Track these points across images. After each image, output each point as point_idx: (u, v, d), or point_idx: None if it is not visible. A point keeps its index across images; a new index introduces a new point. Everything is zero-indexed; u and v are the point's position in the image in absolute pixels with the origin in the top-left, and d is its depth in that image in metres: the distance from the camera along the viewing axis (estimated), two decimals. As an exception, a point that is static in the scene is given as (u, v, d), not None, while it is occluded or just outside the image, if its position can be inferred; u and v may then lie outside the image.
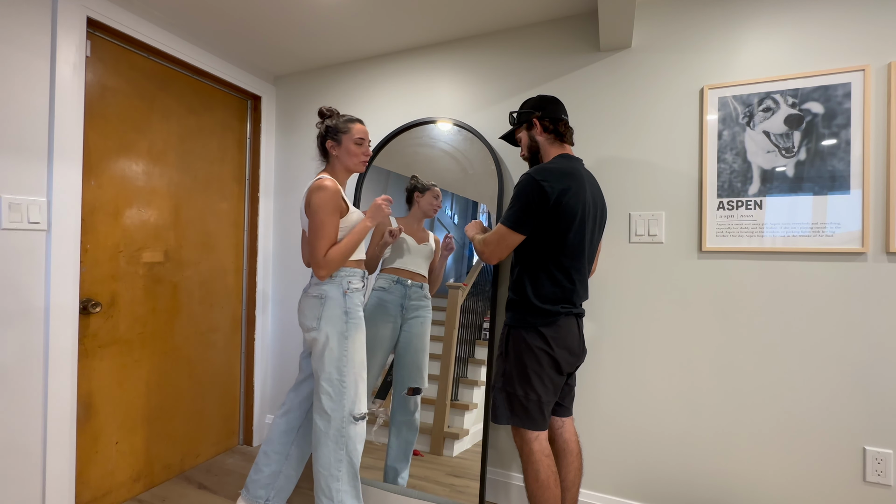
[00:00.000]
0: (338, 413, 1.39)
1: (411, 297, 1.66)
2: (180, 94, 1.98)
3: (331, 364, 1.40)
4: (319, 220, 1.37)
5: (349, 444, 1.40)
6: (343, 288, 1.43)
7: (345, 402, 1.40)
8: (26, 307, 1.44)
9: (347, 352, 1.40)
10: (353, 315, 1.43)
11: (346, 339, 1.40)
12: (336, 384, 1.40)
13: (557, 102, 1.43)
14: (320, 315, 1.41)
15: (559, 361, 1.30)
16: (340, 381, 1.40)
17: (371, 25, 1.87)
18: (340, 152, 1.50)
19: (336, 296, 1.42)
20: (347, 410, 1.40)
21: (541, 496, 1.27)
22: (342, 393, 1.39)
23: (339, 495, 1.40)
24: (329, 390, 1.40)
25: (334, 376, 1.40)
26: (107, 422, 1.71)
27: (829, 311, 1.42)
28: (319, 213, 1.37)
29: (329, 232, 1.38)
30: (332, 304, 1.41)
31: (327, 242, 1.38)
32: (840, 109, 1.40)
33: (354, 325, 1.43)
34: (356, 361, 1.42)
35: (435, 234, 1.68)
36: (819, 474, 1.42)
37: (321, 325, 1.40)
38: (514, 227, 1.30)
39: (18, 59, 1.42)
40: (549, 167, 1.30)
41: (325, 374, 1.40)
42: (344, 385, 1.40)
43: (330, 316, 1.40)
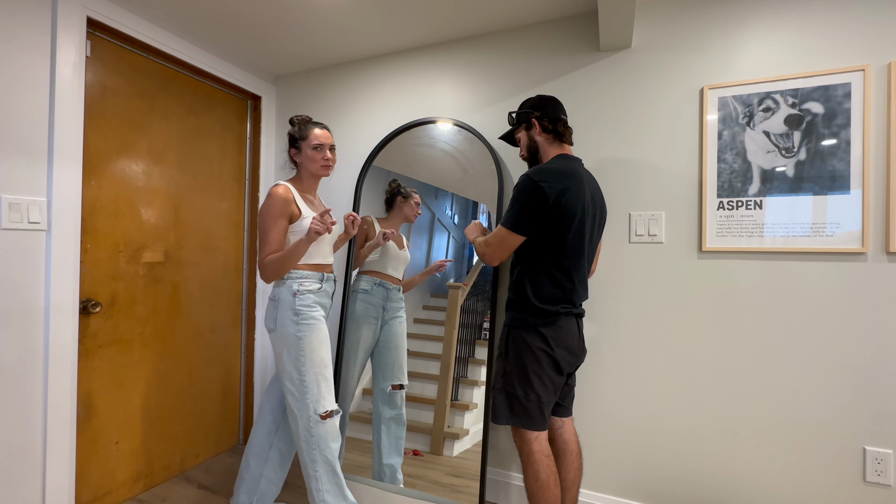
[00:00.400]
0: (303, 412, 1.41)
1: (392, 298, 1.74)
2: (180, 94, 1.98)
3: (290, 364, 1.42)
4: (261, 225, 1.44)
5: (320, 443, 1.41)
6: (293, 290, 1.44)
7: (308, 402, 1.41)
8: (26, 307, 1.44)
9: (304, 352, 1.42)
10: (304, 315, 1.43)
11: (299, 339, 1.42)
12: (297, 384, 1.42)
13: (556, 102, 1.43)
14: (275, 317, 1.45)
15: (559, 361, 1.30)
16: (301, 380, 1.41)
17: (371, 25, 1.87)
18: (302, 159, 1.54)
19: (286, 298, 1.44)
20: (312, 409, 1.40)
21: (540, 496, 1.27)
22: (304, 392, 1.41)
23: (320, 494, 1.41)
24: (292, 390, 1.42)
25: (295, 376, 1.42)
26: (107, 422, 1.71)
27: (829, 311, 1.42)
28: (262, 218, 1.44)
29: (270, 237, 1.42)
30: (283, 305, 1.44)
31: (268, 247, 1.42)
32: (840, 109, 1.40)
33: (307, 326, 1.43)
34: (315, 360, 1.43)
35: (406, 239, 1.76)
36: (819, 474, 1.42)
37: (277, 327, 1.44)
38: (513, 228, 1.30)
39: (18, 59, 1.42)
40: (548, 168, 1.30)
41: (286, 375, 1.43)
42: (305, 384, 1.41)
43: (283, 317, 1.43)
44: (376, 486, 1.75)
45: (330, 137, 1.57)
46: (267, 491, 1.57)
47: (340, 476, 1.44)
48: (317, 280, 1.49)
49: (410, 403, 1.86)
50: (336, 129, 2.24)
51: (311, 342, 1.43)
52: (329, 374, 1.46)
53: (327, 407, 1.42)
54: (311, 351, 1.42)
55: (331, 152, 1.55)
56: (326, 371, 1.45)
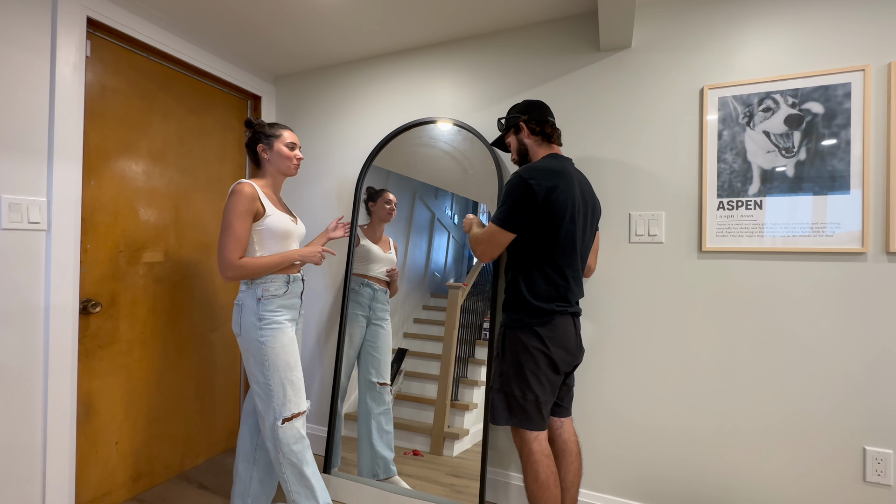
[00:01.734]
0: (269, 416, 1.41)
1: (378, 299, 1.79)
2: (180, 94, 1.98)
3: (256, 368, 1.42)
4: (227, 221, 1.40)
5: (282, 446, 1.41)
6: (257, 295, 1.43)
7: (273, 405, 1.41)
8: (26, 307, 1.44)
9: (267, 357, 1.41)
10: (267, 320, 1.42)
11: (262, 344, 1.41)
12: (264, 387, 1.42)
13: (542, 105, 1.46)
14: (240, 321, 1.44)
15: (556, 361, 1.30)
16: (266, 384, 1.42)
17: (371, 25, 1.87)
18: (272, 156, 1.54)
19: (250, 303, 1.43)
20: (277, 413, 1.41)
21: (540, 496, 1.27)
22: (270, 396, 1.41)
23: (290, 496, 1.43)
24: (259, 393, 1.43)
25: (261, 380, 1.42)
26: (107, 422, 1.71)
27: (829, 311, 1.42)
28: (228, 214, 1.41)
29: (236, 233, 1.40)
30: (247, 311, 1.43)
31: (235, 244, 1.39)
32: (840, 109, 1.40)
33: (271, 331, 1.42)
34: (279, 365, 1.42)
35: (394, 241, 1.78)
36: (819, 474, 1.42)
37: (242, 332, 1.44)
38: (503, 225, 1.31)
39: (19, 60, 1.42)
40: (537, 165, 1.32)
41: (253, 378, 1.44)
42: (270, 388, 1.41)
43: (247, 323, 1.43)
44: (376, 486, 1.75)
45: (297, 138, 1.62)
46: (260, 492, 1.57)
47: (310, 478, 1.43)
48: (283, 283, 1.47)
49: (411, 403, 1.86)
50: (336, 129, 2.24)
51: (274, 347, 1.42)
52: (296, 377, 1.46)
53: (293, 410, 1.42)
54: (274, 355, 1.41)
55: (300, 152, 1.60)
56: (293, 374, 1.44)
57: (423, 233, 1.93)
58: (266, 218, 1.46)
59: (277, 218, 1.49)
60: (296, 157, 1.56)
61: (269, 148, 1.53)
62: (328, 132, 2.26)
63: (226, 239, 1.39)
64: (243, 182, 1.44)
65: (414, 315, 1.91)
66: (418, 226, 1.95)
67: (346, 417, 1.95)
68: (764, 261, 1.49)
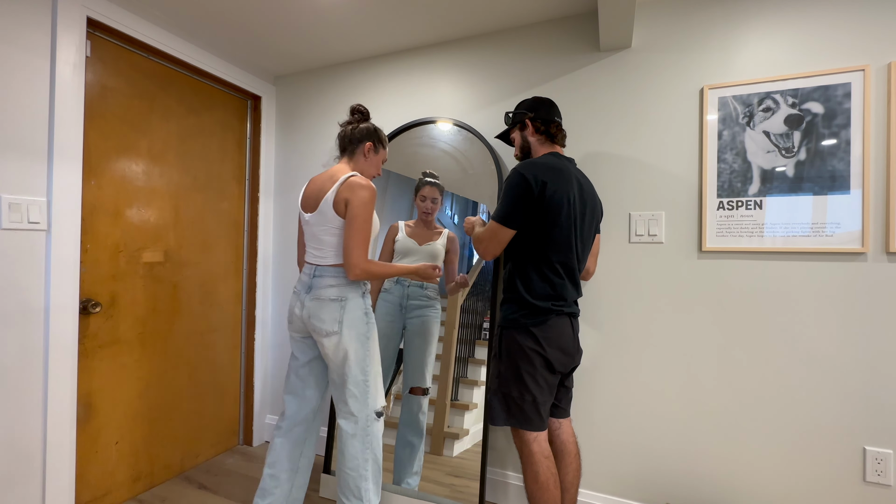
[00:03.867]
0: (363, 413, 1.40)
1: (411, 296, 1.71)
2: (180, 94, 1.98)
3: (357, 367, 1.39)
4: (362, 219, 1.35)
5: (373, 442, 1.41)
6: (362, 290, 1.44)
7: (369, 402, 1.41)
8: (26, 307, 1.44)
9: (370, 352, 1.41)
10: (371, 316, 1.44)
11: (367, 339, 1.41)
12: (362, 385, 1.40)
13: (551, 105, 1.45)
14: (341, 318, 1.37)
15: (551, 361, 1.30)
16: (365, 381, 1.40)
17: (371, 25, 1.87)
18: (374, 160, 1.51)
19: (356, 297, 1.41)
20: (371, 409, 1.41)
21: (540, 497, 1.27)
22: (366, 393, 1.40)
23: (367, 494, 1.40)
24: (356, 392, 1.39)
25: (360, 378, 1.39)
26: (107, 422, 1.71)
27: (830, 311, 1.42)
28: (363, 212, 1.35)
29: (367, 234, 1.36)
30: (353, 305, 1.39)
31: (366, 244, 1.36)
32: (840, 109, 1.40)
33: (373, 326, 1.44)
34: (375, 360, 1.44)
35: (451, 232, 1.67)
36: (819, 474, 1.42)
37: (343, 329, 1.37)
38: (503, 221, 1.31)
39: (18, 59, 1.42)
40: (535, 161, 1.32)
41: (351, 378, 1.39)
42: (368, 385, 1.41)
43: (353, 318, 1.39)
44: (376, 486, 1.74)
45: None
46: (298, 497, 1.53)
47: (381, 473, 1.45)
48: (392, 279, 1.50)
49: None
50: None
51: (375, 342, 1.44)
52: (380, 370, 1.48)
53: (381, 402, 1.44)
54: (374, 351, 1.43)
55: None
56: (380, 367, 1.47)
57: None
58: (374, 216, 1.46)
59: (376, 218, 1.49)
60: (378, 174, 1.57)
61: (375, 152, 1.51)
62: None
63: (359, 239, 1.35)
64: (366, 179, 1.40)
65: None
66: (418, 226, 1.94)
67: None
68: (764, 261, 1.49)
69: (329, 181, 1.41)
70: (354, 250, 1.34)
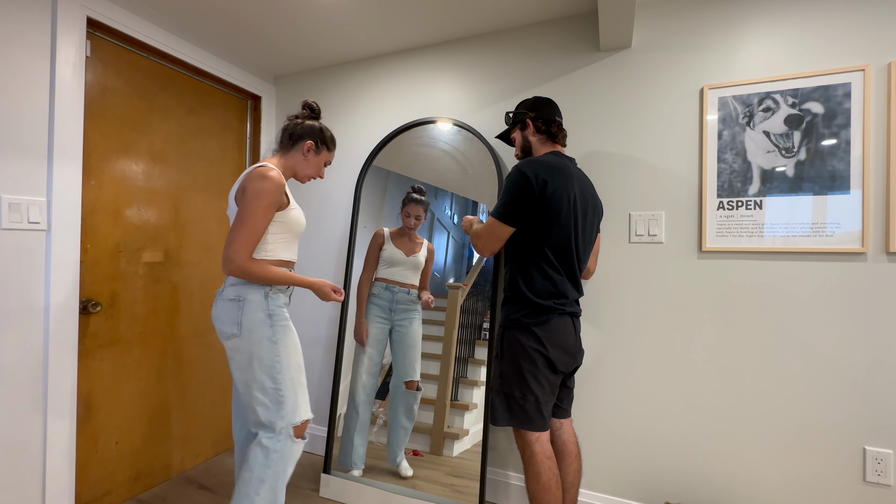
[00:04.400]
0: (277, 425, 1.25)
1: (399, 301, 1.80)
2: (180, 94, 1.98)
3: (263, 372, 1.25)
4: (251, 209, 1.22)
5: (279, 463, 1.24)
6: (264, 289, 1.29)
7: (284, 413, 1.25)
8: (26, 307, 1.44)
9: (280, 358, 1.26)
10: (278, 317, 1.29)
11: (274, 343, 1.26)
12: (272, 393, 1.25)
13: (552, 104, 1.45)
14: (239, 320, 1.25)
15: (553, 361, 1.30)
16: (276, 389, 1.25)
17: (371, 25, 1.87)
18: (314, 160, 1.42)
19: (256, 298, 1.27)
20: (287, 421, 1.25)
21: (542, 498, 1.27)
22: (280, 403, 1.25)
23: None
24: (264, 401, 1.25)
25: (268, 385, 1.25)
26: (107, 422, 1.71)
27: (829, 311, 1.42)
28: (253, 203, 1.22)
29: (258, 226, 1.23)
30: (252, 306, 1.26)
31: (251, 238, 1.22)
32: (840, 109, 1.40)
33: (282, 328, 1.29)
34: (291, 366, 1.29)
35: (430, 243, 1.79)
36: (819, 474, 1.42)
37: (242, 331, 1.25)
38: (502, 218, 1.31)
39: (18, 59, 1.42)
40: (536, 159, 1.32)
41: (256, 385, 1.25)
42: (281, 394, 1.26)
43: (252, 320, 1.25)
44: (376, 486, 1.75)
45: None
46: None
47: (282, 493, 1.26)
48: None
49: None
50: (336, 129, 2.24)
51: (287, 346, 1.28)
52: (304, 380, 1.34)
53: (303, 416, 1.29)
54: (287, 356, 1.28)
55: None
56: (302, 376, 1.32)
57: (423, 233, 1.93)
58: (290, 210, 1.34)
59: (299, 213, 1.38)
60: (318, 175, 1.47)
61: (317, 152, 1.42)
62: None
63: (243, 231, 1.22)
64: (271, 168, 1.27)
65: (414, 315, 1.91)
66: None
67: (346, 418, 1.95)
68: (764, 261, 1.49)
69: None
70: (233, 243, 1.21)
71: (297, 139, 1.40)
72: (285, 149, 1.41)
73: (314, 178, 1.47)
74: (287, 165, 1.41)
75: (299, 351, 1.34)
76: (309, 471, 2.05)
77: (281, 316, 1.30)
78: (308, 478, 1.98)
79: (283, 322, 1.30)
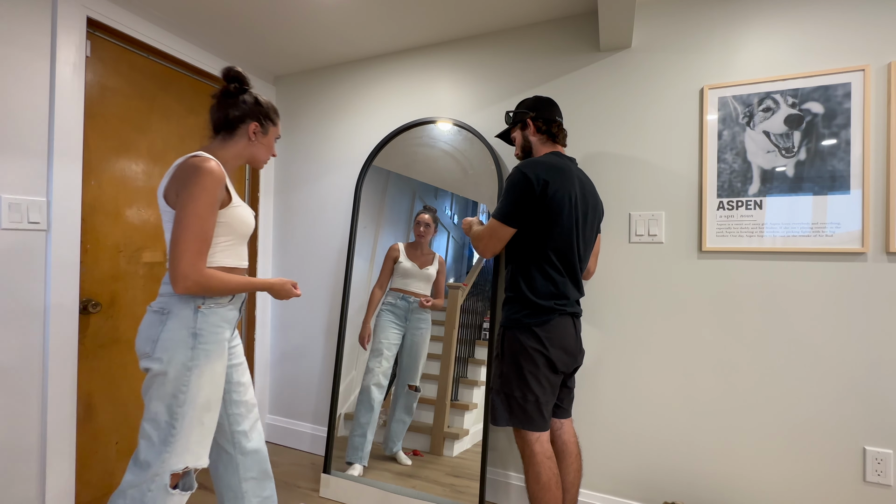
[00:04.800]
0: (155, 466, 1.01)
1: (413, 310, 1.88)
2: (180, 94, 1.98)
3: (160, 402, 1.02)
4: (193, 212, 1.01)
5: None
6: (195, 303, 1.06)
7: (167, 455, 1.01)
8: (26, 307, 1.44)
9: (188, 388, 1.03)
10: (205, 339, 1.06)
11: (188, 370, 1.03)
12: (164, 427, 1.02)
13: (552, 104, 1.45)
14: (156, 337, 1.04)
15: (554, 361, 1.30)
16: (169, 424, 1.02)
17: (371, 25, 1.87)
18: (265, 141, 1.23)
19: (183, 313, 1.05)
20: (167, 467, 1.01)
21: (542, 498, 1.27)
22: (167, 441, 1.01)
23: None
24: (151, 434, 1.02)
25: (161, 417, 1.02)
26: (107, 422, 1.71)
27: (829, 311, 1.42)
28: (196, 202, 1.02)
29: (206, 229, 1.03)
30: (175, 323, 1.04)
31: (203, 244, 1.03)
32: (840, 109, 1.40)
33: (205, 353, 1.05)
34: (198, 402, 1.04)
35: (441, 257, 1.89)
36: (819, 474, 1.42)
37: (158, 351, 1.03)
38: (503, 219, 1.31)
39: (18, 59, 1.42)
40: (537, 160, 1.32)
41: (149, 413, 1.03)
42: (173, 431, 1.01)
43: (172, 339, 1.03)
44: (376, 486, 1.75)
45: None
46: None
47: None
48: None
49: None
50: (336, 129, 2.24)
51: (202, 376, 1.05)
52: (210, 421, 1.08)
53: (190, 462, 1.03)
54: (197, 388, 1.04)
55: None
56: (208, 415, 1.07)
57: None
58: (232, 208, 1.13)
59: (245, 211, 1.18)
60: (271, 154, 1.29)
61: (264, 132, 1.23)
62: (328, 132, 2.26)
63: (190, 238, 1.01)
64: (208, 158, 1.06)
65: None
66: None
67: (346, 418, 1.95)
68: (764, 261, 1.49)
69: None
70: (183, 256, 1.01)
71: (238, 122, 1.18)
72: (224, 135, 1.19)
73: (268, 159, 1.30)
74: (230, 154, 1.19)
75: (219, 384, 1.09)
76: (309, 471, 2.05)
77: (211, 338, 1.08)
78: (308, 478, 1.98)
79: (211, 346, 1.07)
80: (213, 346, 1.08)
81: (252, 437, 1.26)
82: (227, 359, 1.14)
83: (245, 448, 1.25)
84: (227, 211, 1.11)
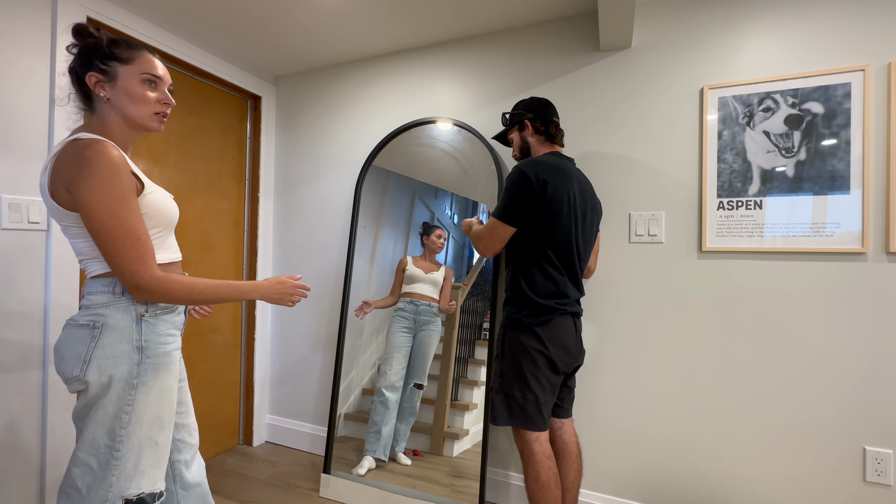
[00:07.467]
0: (103, 492, 0.87)
1: (422, 313, 1.92)
2: (180, 94, 1.97)
3: (98, 426, 0.87)
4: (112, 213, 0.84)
5: None
6: (136, 310, 0.91)
7: (113, 479, 0.87)
8: (26, 307, 1.44)
9: (134, 408, 0.89)
10: (152, 351, 0.92)
11: (133, 388, 0.89)
12: (104, 452, 0.87)
13: (549, 105, 1.46)
14: (88, 355, 0.87)
15: (555, 361, 1.30)
16: (112, 448, 0.88)
17: (371, 25, 1.87)
18: (117, 96, 0.93)
19: (122, 323, 0.90)
20: (116, 492, 0.87)
21: (542, 497, 1.27)
22: (109, 466, 0.87)
23: None
24: (90, 462, 0.87)
25: (102, 441, 0.88)
26: (107, 422, 1.70)
27: (829, 311, 1.42)
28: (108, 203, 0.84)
29: (138, 225, 0.87)
30: (114, 336, 0.89)
31: (144, 245, 0.88)
32: (840, 109, 1.40)
33: (153, 367, 0.91)
34: (145, 420, 0.90)
35: (448, 267, 1.94)
36: (819, 474, 1.42)
37: (88, 371, 0.87)
38: (503, 218, 1.32)
39: (19, 60, 1.42)
40: (536, 160, 1.33)
41: (84, 441, 0.88)
42: (116, 453, 0.88)
43: (112, 354, 0.88)
44: (376, 486, 1.75)
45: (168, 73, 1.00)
46: None
47: None
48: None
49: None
50: (336, 129, 2.24)
51: (149, 393, 0.91)
52: (165, 440, 0.94)
53: (144, 487, 0.90)
54: (143, 406, 0.90)
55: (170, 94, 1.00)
56: (161, 434, 0.93)
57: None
58: (148, 194, 0.94)
59: (162, 195, 0.99)
60: (160, 103, 0.97)
61: (112, 82, 0.92)
62: (328, 132, 2.26)
63: (126, 242, 0.86)
64: (100, 140, 0.86)
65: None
66: (418, 226, 1.95)
67: (347, 418, 1.95)
68: (764, 261, 1.49)
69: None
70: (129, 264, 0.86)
71: (82, 84, 0.94)
72: (88, 108, 0.96)
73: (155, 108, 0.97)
74: (109, 125, 0.94)
75: (170, 400, 0.95)
76: (309, 471, 2.05)
77: (159, 349, 0.93)
78: (308, 478, 1.98)
79: (160, 358, 0.93)
80: (162, 357, 0.94)
81: (192, 468, 1.09)
82: (178, 371, 0.98)
83: (186, 481, 1.07)
84: (142, 199, 0.92)
